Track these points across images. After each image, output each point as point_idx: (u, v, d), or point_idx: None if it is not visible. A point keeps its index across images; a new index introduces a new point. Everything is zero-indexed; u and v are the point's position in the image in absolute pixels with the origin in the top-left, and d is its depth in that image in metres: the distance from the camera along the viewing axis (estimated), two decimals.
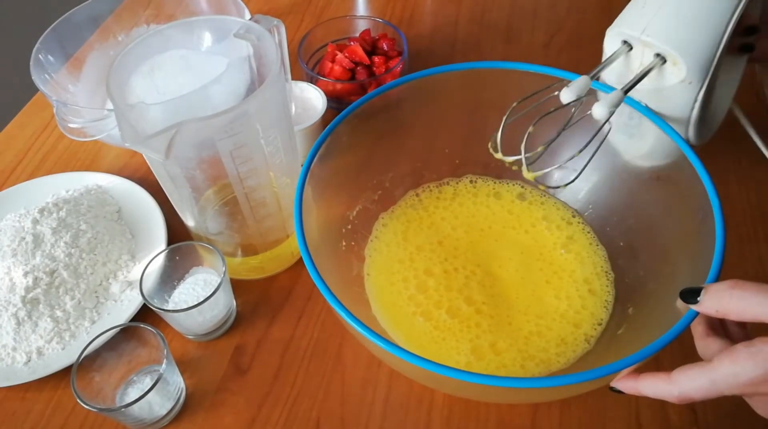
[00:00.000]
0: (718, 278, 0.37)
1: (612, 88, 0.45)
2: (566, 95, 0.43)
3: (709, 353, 0.35)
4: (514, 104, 0.45)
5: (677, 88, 0.46)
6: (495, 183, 0.59)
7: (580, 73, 0.50)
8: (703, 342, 0.36)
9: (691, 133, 0.48)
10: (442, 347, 0.48)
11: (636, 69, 0.47)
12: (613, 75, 0.50)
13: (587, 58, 0.75)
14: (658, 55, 0.45)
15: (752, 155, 0.64)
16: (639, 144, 0.50)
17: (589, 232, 0.55)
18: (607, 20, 0.48)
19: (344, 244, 0.53)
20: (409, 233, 0.56)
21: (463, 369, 0.35)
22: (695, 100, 0.46)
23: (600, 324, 0.49)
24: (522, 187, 0.59)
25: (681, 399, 0.34)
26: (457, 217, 0.57)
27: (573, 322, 0.49)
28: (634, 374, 0.36)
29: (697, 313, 0.35)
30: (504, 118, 0.43)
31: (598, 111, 0.42)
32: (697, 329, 0.37)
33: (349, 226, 0.55)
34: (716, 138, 0.65)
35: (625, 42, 0.46)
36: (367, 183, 0.56)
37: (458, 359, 0.48)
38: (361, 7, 0.90)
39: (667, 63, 0.45)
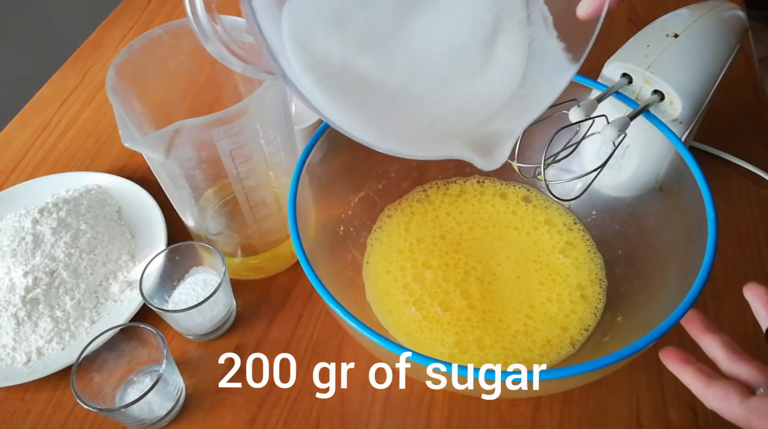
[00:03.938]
0: (699, 292, 0.37)
1: (634, 102, 0.47)
2: (575, 115, 0.45)
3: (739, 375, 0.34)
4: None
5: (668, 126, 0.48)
6: (502, 184, 0.60)
7: (580, 72, 0.50)
8: (733, 366, 0.35)
9: (661, 173, 0.49)
10: (428, 337, 0.49)
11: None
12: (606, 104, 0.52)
13: (586, 58, 0.75)
14: (656, 91, 0.47)
15: (753, 156, 0.64)
16: (615, 174, 0.53)
17: (588, 240, 0.55)
18: (606, 20, 0.48)
19: (342, 228, 0.54)
20: (412, 225, 0.57)
21: (446, 360, 0.35)
22: (681, 139, 0.48)
23: (587, 330, 0.49)
24: (528, 190, 0.59)
25: (709, 407, 0.34)
26: (462, 214, 0.57)
27: (561, 326, 0.49)
28: (684, 356, 0.36)
29: (677, 320, 0.35)
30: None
31: (608, 133, 0.44)
32: (717, 354, 0.36)
33: (350, 212, 0.55)
34: (718, 137, 0.65)
35: (624, 74, 0.49)
36: (370, 172, 0.57)
37: (442, 351, 0.48)
38: None
39: (664, 101, 0.48)
